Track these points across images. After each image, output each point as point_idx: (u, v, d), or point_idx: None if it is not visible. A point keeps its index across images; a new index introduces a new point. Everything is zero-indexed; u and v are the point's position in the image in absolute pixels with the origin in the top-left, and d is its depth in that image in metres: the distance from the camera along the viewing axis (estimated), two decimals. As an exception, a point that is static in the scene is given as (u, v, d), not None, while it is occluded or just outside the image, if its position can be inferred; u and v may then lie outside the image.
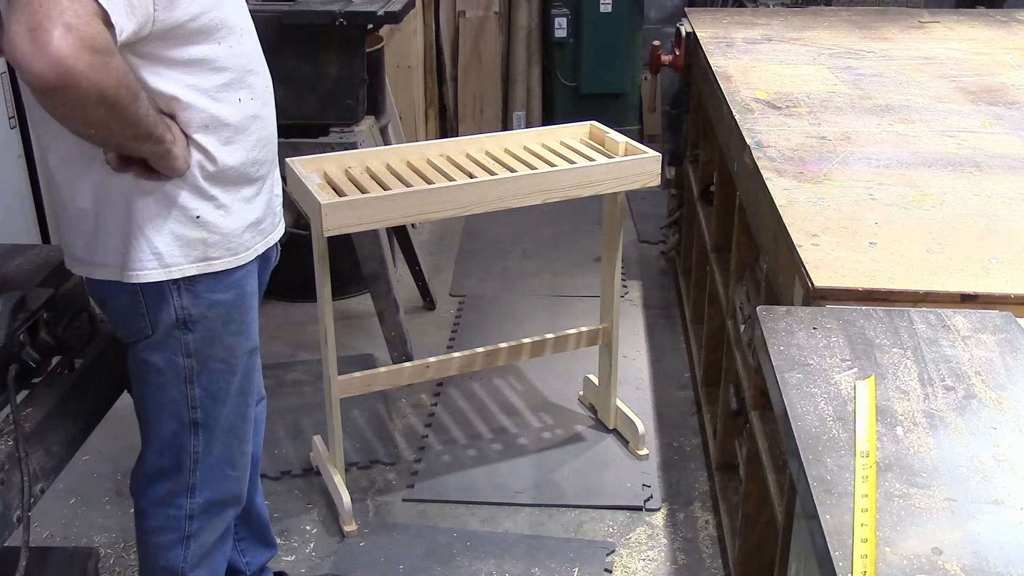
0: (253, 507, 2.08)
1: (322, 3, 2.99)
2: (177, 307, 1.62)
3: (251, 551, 2.14)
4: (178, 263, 1.59)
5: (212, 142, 1.56)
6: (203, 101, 1.53)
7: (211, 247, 1.61)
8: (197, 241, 1.60)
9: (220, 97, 1.55)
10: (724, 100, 2.53)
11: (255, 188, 1.67)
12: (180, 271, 1.59)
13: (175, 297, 1.61)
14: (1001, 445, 1.15)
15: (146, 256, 1.57)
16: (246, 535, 2.11)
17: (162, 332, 1.63)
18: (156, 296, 1.61)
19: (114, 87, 1.33)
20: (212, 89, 1.54)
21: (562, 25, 5.21)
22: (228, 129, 1.57)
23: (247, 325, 1.73)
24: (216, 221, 1.61)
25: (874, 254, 1.63)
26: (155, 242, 1.57)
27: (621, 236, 2.77)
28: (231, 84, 1.56)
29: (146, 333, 1.64)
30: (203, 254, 1.61)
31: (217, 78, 1.54)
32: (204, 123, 1.54)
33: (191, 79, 1.51)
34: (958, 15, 3.71)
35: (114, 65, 1.33)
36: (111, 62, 1.32)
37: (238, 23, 1.57)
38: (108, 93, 1.33)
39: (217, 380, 1.71)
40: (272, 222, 1.76)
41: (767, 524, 2.01)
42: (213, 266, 1.62)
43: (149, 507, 1.80)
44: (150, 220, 1.56)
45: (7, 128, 2.84)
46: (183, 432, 1.73)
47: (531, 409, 3.09)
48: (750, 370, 2.08)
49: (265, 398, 2.07)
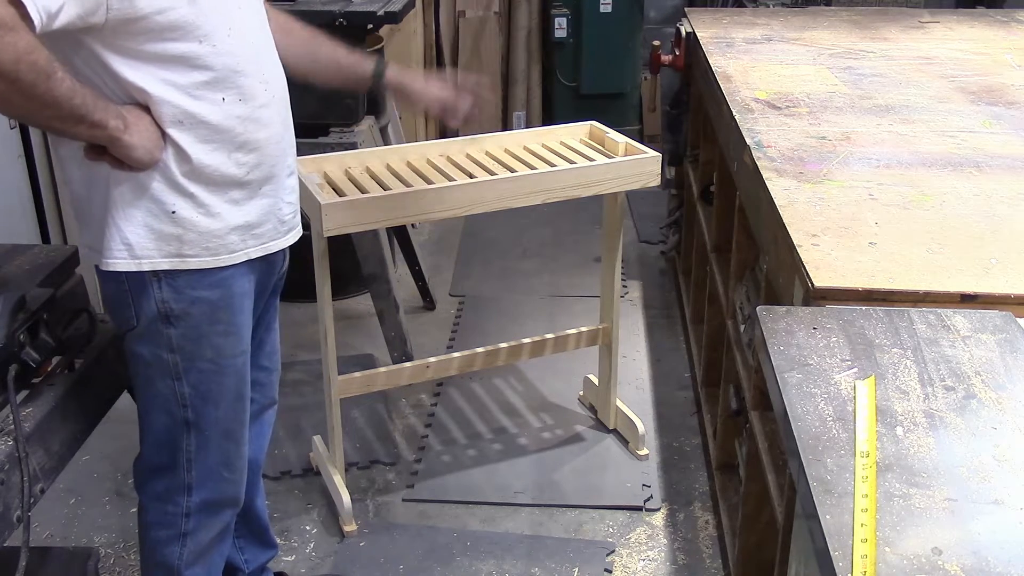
0: (253, 508, 2.08)
1: (322, 3, 2.99)
2: (158, 300, 1.62)
3: (250, 550, 2.14)
4: (150, 255, 1.59)
5: (187, 139, 1.55)
6: (177, 97, 1.52)
7: (186, 244, 1.60)
8: (171, 236, 1.59)
9: (198, 95, 1.54)
10: (724, 100, 2.53)
11: (247, 192, 1.65)
12: (151, 264, 1.59)
13: (155, 290, 1.61)
14: (1001, 445, 1.15)
15: (116, 245, 1.58)
16: (245, 534, 2.11)
17: (145, 323, 1.64)
18: (139, 286, 1.61)
19: (10, 62, 1.33)
20: (189, 86, 1.53)
21: (562, 25, 5.21)
22: (206, 128, 1.56)
23: (237, 327, 1.72)
24: (193, 219, 1.60)
25: (874, 254, 1.63)
26: (125, 231, 1.57)
27: (621, 236, 2.77)
28: (213, 83, 1.55)
29: (132, 323, 1.65)
30: (177, 250, 1.60)
31: (196, 76, 1.53)
32: (178, 119, 1.53)
33: (166, 74, 1.50)
34: (958, 15, 3.71)
35: (11, 40, 1.32)
36: (6, 36, 1.31)
37: (224, 23, 1.55)
38: (4, 69, 1.33)
39: (207, 381, 1.71)
40: (277, 228, 1.74)
41: (767, 524, 2.01)
42: (188, 263, 1.61)
43: (148, 501, 1.82)
44: (123, 209, 1.57)
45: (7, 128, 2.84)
46: (176, 429, 1.73)
47: (531, 409, 3.09)
48: (750, 370, 2.08)
49: (276, 403, 2.07)
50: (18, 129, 2.88)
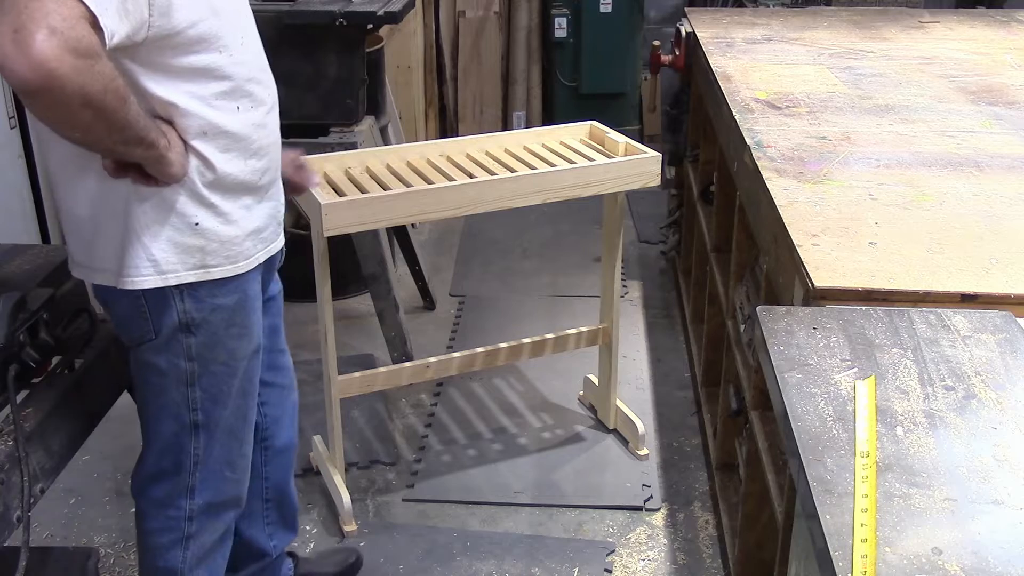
0: (287, 495, 2.14)
1: (322, 3, 2.99)
2: (180, 311, 1.62)
3: (278, 535, 2.17)
4: (175, 270, 1.59)
5: (210, 149, 1.56)
6: (201, 108, 1.53)
7: (209, 255, 1.61)
8: (195, 248, 1.59)
9: (218, 105, 1.55)
10: (724, 100, 2.53)
11: (257, 196, 1.67)
12: (177, 278, 1.59)
13: (178, 302, 1.62)
14: (1001, 445, 1.15)
15: (142, 263, 1.57)
16: (276, 519, 2.14)
17: (165, 335, 1.64)
18: (159, 300, 1.61)
19: (100, 91, 1.32)
20: (210, 97, 1.54)
21: (562, 25, 5.21)
22: (227, 137, 1.57)
23: (249, 328, 1.74)
24: (215, 228, 1.60)
25: (874, 254, 1.63)
26: (152, 249, 1.56)
27: (621, 236, 2.77)
28: (231, 92, 1.56)
29: (149, 337, 1.64)
30: (201, 261, 1.61)
31: (217, 86, 1.54)
32: (202, 130, 1.54)
33: (191, 87, 1.51)
34: (958, 15, 3.71)
35: (100, 69, 1.31)
36: (96, 65, 1.30)
37: (239, 32, 1.57)
38: (94, 97, 1.31)
39: (218, 382, 1.72)
40: (275, 230, 1.77)
41: (767, 524, 2.01)
42: (211, 273, 1.62)
43: (149, 508, 1.81)
44: (147, 227, 1.55)
45: (7, 128, 2.84)
46: (183, 434, 1.74)
47: (531, 409, 3.09)
48: (750, 370, 2.08)
49: (296, 390, 2.11)
50: (18, 129, 2.88)
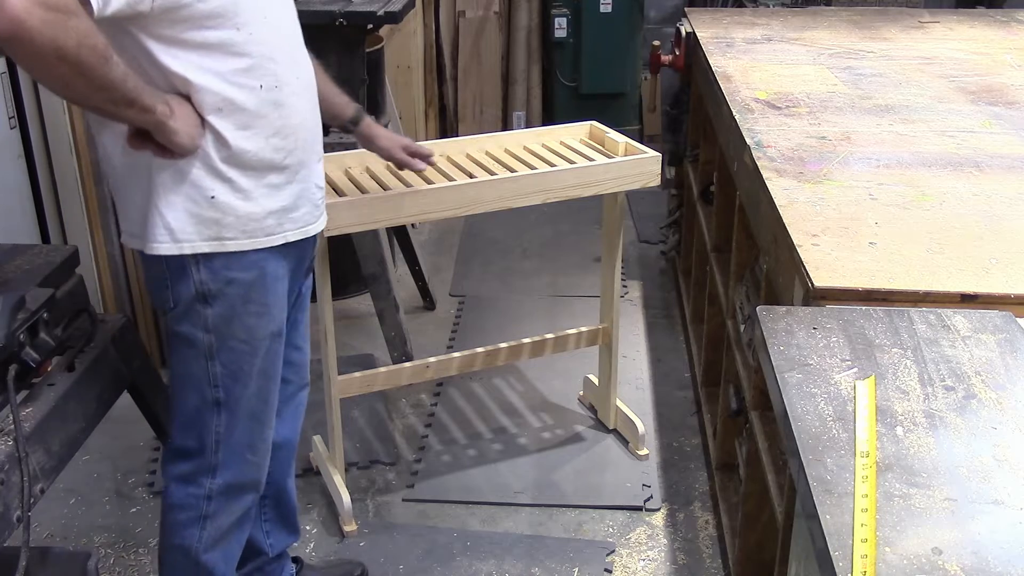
0: (285, 492, 2.14)
1: (322, 3, 2.99)
2: (196, 281, 1.67)
3: (276, 534, 2.17)
4: (190, 239, 1.64)
5: (226, 125, 1.60)
6: (217, 84, 1.57)
7: (225, 228, 1.66)
8: (211, 221, 1.64)
9: (237, 81, 1.59)
10: (724, 100, 2.53)
11: (284, 176, 1.70)
12: (192, 247, 1.65)
13: (194, 271, 1.67)
14: (1001, 445, 1.15)
15: (159, 230, 1.63)
16: (273, 517, 2.15)
17: (184, 304, 1.69)
18: (178, 269, 1.67)
19: (74, 46, 1.36)
20: (228, 73, 1.58)
21: (562, 25, 5.21)
22: (244, 114, 1.61)
23: (268, 307, 1.76)
24: (233, 203, 1.65)
25: (874, 254, 1.63)
26: (168, 217, 1.63)
27: (621, 236, 2.77)
28: (250, 70, 1.60)
29: (169, 305, 1.70)
30: (216, 233, 1.65)
31: (234, 63, 1.58)
32: (217, 106, 1.58)
33: (206, 62, 1.55)
34: (958, 15, 3.71)
35: (74, 24, 1.36)
36: (70, 21, 1.35)
37: (260, 10, 1.60)
38: (68, 51, 1.36)
39: (238, 360, 1.75)
40: (313, 213, 1.79)
41: (767, 524, 2.01)
42: (226, 246, 1.67)
43: (172, 483, 1.85)
44: (164, 195, 1.62)
45: (7, 128, 2.83)
46: (206, 410, 1.77)
47: (531, 409, 3.09)
48: (750, 370, 2.08)
49: (308, 386, 2.12)
50: (18, 129, 2.88)
